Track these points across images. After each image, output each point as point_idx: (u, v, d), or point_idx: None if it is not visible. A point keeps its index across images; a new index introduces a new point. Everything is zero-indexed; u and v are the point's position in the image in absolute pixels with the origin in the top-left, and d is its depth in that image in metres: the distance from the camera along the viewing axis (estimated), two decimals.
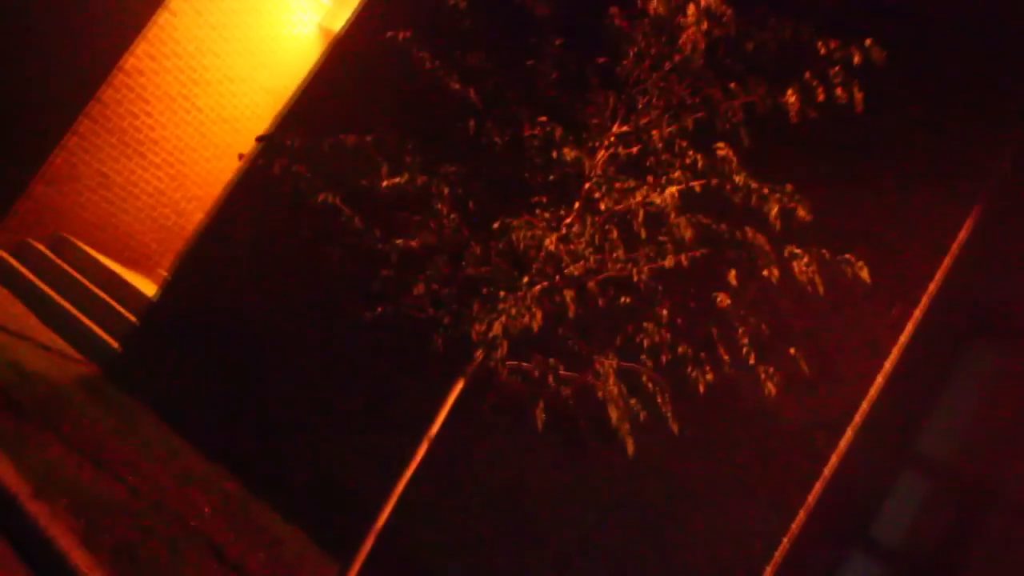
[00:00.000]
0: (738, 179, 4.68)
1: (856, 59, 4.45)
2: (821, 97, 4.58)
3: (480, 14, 5.36)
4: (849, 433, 5.58)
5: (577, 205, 4.79)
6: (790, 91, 4.53)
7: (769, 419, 5.68)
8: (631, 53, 4.52)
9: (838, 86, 4.51)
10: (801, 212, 4.96)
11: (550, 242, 4.44)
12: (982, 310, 6.11)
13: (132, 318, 8.03)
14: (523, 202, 4.81)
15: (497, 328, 4.37)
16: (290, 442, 6.81)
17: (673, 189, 4.78)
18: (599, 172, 4.76)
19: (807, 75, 4.51)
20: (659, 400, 5.15)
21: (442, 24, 5.30)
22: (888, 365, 5.72)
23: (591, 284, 4.87)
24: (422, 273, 4.74)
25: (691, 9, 4.30)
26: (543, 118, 4.56)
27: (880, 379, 5.62)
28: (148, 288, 8.75)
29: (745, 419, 5.73)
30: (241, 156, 6.04)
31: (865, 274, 4.95)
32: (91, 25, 9.14)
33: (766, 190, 4.56)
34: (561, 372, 5.00)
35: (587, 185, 4.64)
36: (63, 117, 8.86)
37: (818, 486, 5.52)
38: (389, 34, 5.05)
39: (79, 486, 4.59)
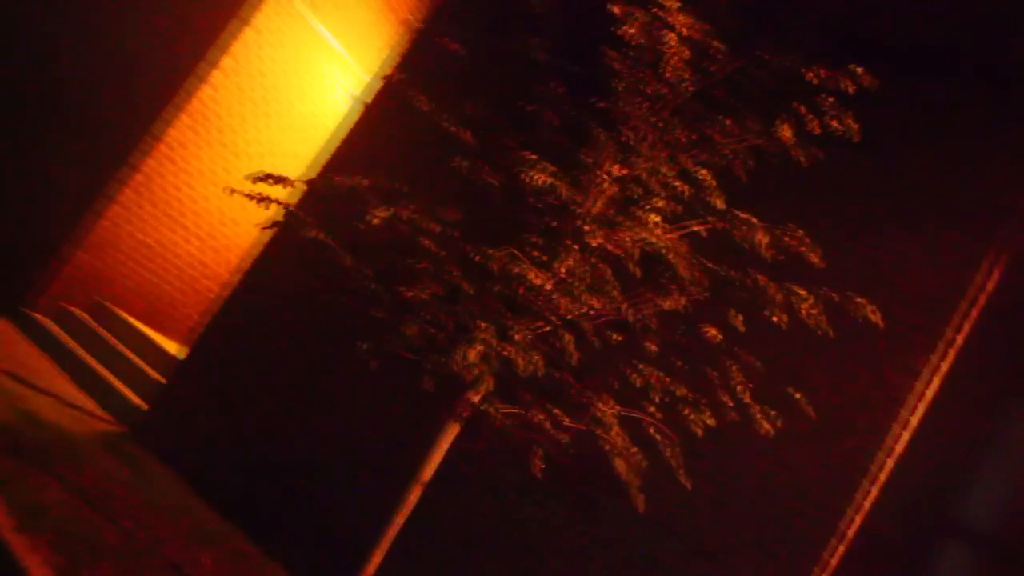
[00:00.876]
0: (719, 203, 4.60)
1: (850, 88, 4.37)
2: (818, 130, 4.51)
3: (483, 62, 5.43)
4: (871, 490, 5.31)
5: (568, 242, 4.74)
6: (785, 125, 4.46)
7: (786, 474, 5.45)
8: (620, 88, 4.50)
9: (834, 118, 4.42)
10: (813, 258, 4.85)
11: (536, 276, 4.37)
12: (1017, 365, 5.86)
13: (164, 382, 8.12)
14: (516, 242, 4.79)
15: (473, 356, 4.28)
16: (303, 500, 6.74)
17: (666, 233, 4.71)
18: (591, 207, 4.72)
19: (800, 108, 4.44)
20: (667, 453, 5.00)
21: (450, 76, 5.39)
22: (913, 419, 5.48)
23: (587, 325, 4.78)
24: (413, 314, 4.71)
25: (671, 38, 4.28)
26: (534, 156, 4.55)
27: (904, 433, 5.37)
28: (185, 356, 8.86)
29: (761, 475, 5.51)
30: (265, 227, 6.12)
31: (876, 317, 4.79)
32: (133, 97, 9.49)
33: (754, 220, 4.45)
34: (562, 419, 4.89)
35: (577, 222, 4.59)
36: (104, 186, 9.15)
37: (838, 545, 5.24)
38: (391, 76, 5.14)
39: (69, 526, 4.56)
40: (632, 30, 4.30)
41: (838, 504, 5.28)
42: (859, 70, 4.36)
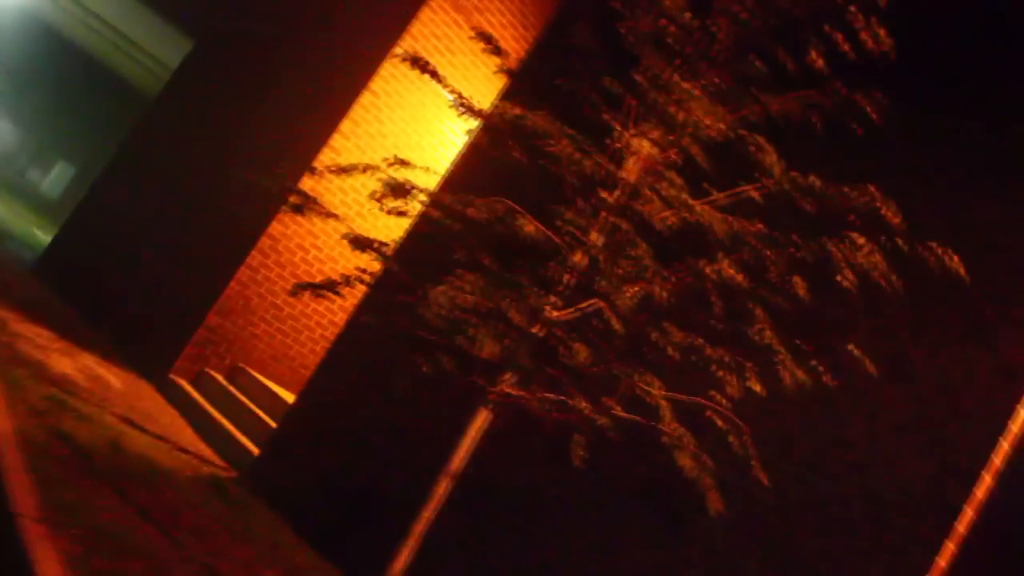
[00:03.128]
0: (770, 161, 4.18)
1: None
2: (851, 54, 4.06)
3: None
4: (987, 479, 4.55)
5: (604, 214, 4.42)
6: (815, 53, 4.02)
7: (886, 469, 4.78)
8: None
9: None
10: (891, 216, 4.32)
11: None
12: None
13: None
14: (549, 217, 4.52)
15: (490, 347, 4.01)
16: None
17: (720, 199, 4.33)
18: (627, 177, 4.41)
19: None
20: (733, 442, 4.49)
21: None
22: None
23: (625, 302, 4.37)
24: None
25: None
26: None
27: (1022, 410, 4.60)
28: None
29: (856, 470, 4.86)
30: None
31: (958, 264, 4.18)
32: (264, 154, 9.89)
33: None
34: (612, 407, 4.49)
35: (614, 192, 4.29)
36: (234, 251, 9.52)
37: (950, 546, 4.49)
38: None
39: (107, 528, 4.53)
40: None
41: (949, 499, 4.54)
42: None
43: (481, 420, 4.48)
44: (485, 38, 5.18)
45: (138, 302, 10.58)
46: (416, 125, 10.34)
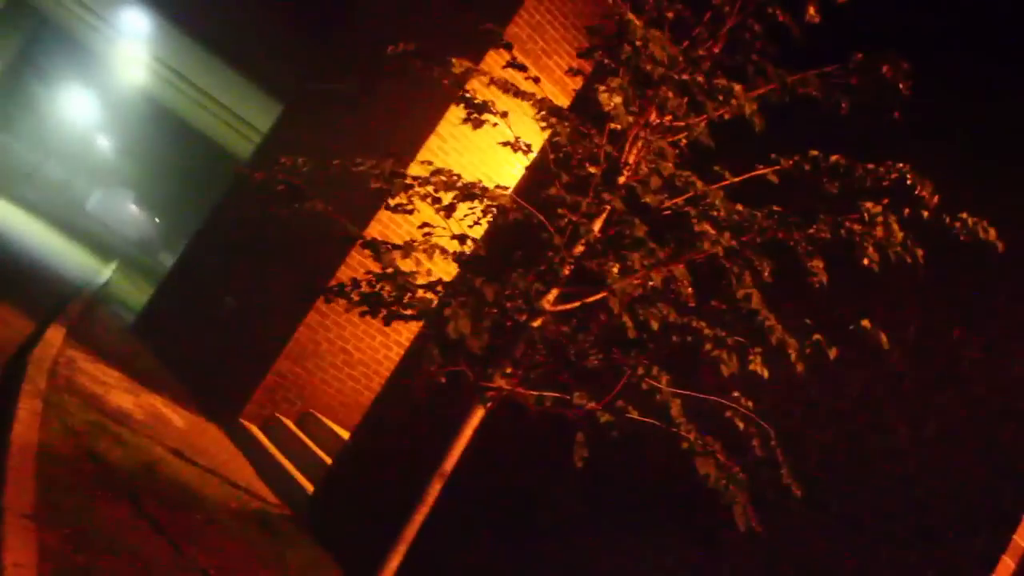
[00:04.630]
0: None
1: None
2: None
3: None
4: None
5: (607, 196, 4.18)
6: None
7: (935, 478, 4.30)
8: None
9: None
10: (925, 193, 3.97)
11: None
12: None
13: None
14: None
15: (460, 325, 3.80)
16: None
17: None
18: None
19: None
20: (756, 449, 4.13)
21: None
22: None
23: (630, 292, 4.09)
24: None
25: None
26: None
27: None
28: None
29: (903, 482, 4.38)
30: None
31: (992, 235, 3.78)
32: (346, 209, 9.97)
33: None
34: (626, 409, 4.19)
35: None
36: (304, 295, 9.58)
37: (1008, 562, 3.96)
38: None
39: (102, 530, 4.44)
40: None
41: (1005, 507, 4.02)
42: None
43: (477, 418, 4.24)
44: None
45: (216, 351, 10.74)
46: (484, 165, 10.31)
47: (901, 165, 3.98)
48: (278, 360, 9.50)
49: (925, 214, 3.77)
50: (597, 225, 4.25)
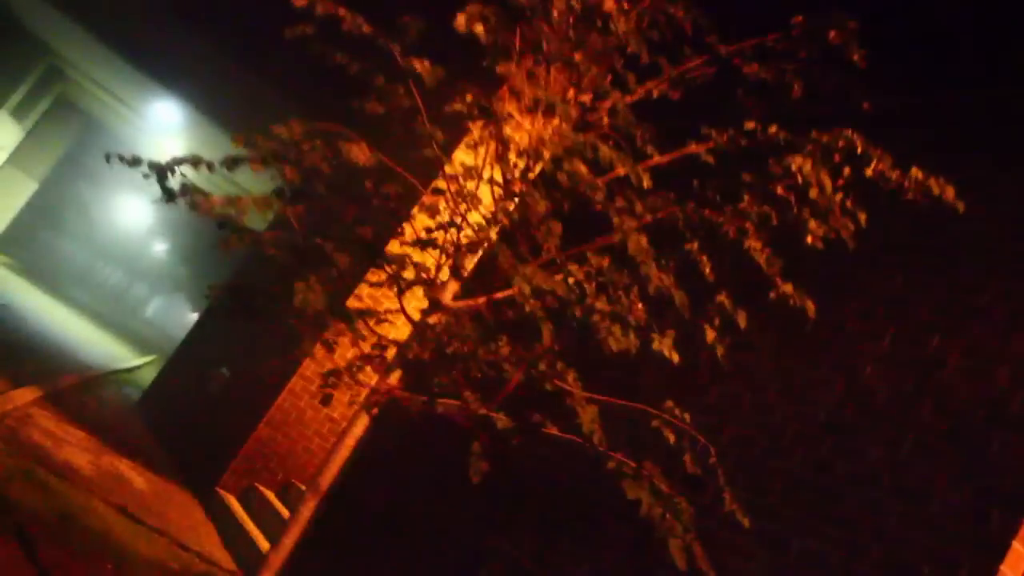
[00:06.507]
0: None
1: None
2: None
3: None
4: None
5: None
6: None
7: (909, 502, 3.63)
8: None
9: None
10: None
11: None
12: None
13: None
14: None
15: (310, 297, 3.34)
16: None
17: None
18: None
19: None
20: (687, 465, 3.51)
21: None
22: None
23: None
24: None
25: None
26: None
27: None
28: None
29: (870, 510, 3.71)
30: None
31: (950, 194, 3.22)
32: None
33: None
34: (545, 423, 3.64)
35: None
36: (287, 360, 9.13)
37: None
38: None
39: None
40: None
41: (992, 536, 3.33)
42: None
43: (360, 427, 3.71)
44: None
45: (203, 421, 10.31)
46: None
47: (849, 132, 3.44)
48: (258, 427, 8.99)
49: (868, 172, 3.22)
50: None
